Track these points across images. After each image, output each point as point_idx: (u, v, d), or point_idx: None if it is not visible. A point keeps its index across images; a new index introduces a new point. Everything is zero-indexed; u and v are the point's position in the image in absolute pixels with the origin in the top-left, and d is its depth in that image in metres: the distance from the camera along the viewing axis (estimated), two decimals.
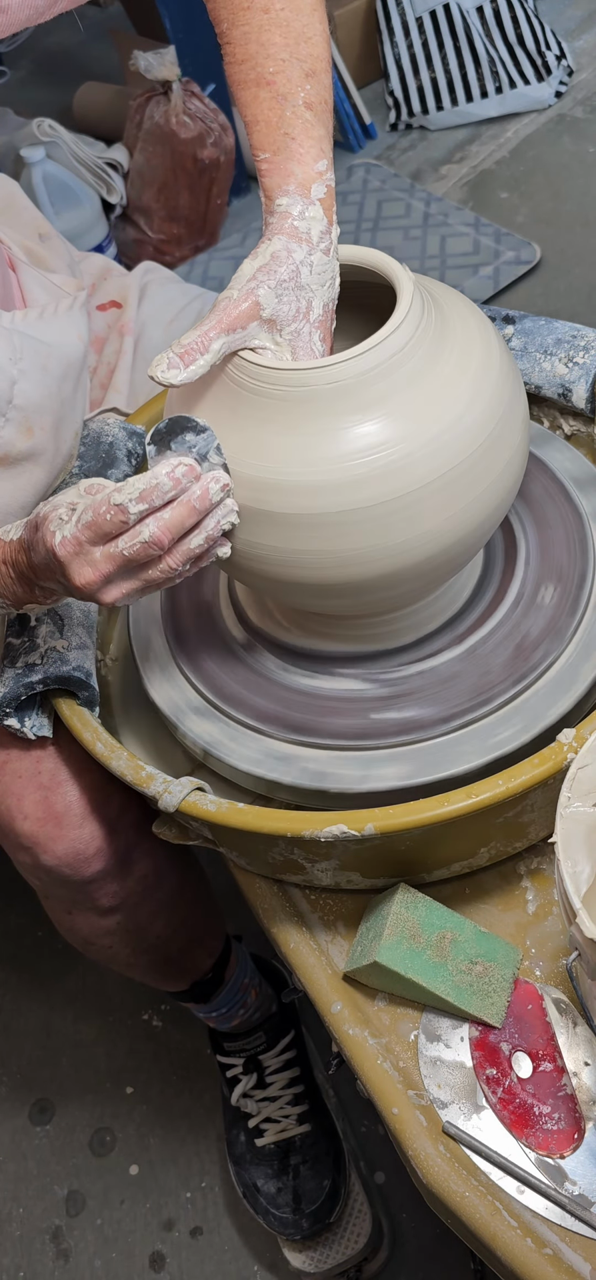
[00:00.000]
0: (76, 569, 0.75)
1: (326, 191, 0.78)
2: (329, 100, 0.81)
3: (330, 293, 0.78)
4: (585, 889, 0.63)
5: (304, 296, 0.76)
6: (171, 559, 0.75)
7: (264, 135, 0.79)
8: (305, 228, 0.76)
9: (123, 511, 0.72)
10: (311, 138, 0.79)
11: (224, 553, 0.78)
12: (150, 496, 0.72)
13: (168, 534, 0.73)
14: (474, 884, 0.83)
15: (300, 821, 0.74)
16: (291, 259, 0.76)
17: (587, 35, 2.85)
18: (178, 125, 2.39)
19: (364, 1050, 0.76)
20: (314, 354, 0.77)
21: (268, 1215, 1.26)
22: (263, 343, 0.77)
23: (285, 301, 0.76)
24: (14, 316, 0.99)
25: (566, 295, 2.21)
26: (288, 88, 0.79)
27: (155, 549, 0.73)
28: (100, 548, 0.74)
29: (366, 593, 0.78)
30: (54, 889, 1.00)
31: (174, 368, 0.74)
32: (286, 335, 0.76)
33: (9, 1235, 1.38)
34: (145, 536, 0.73)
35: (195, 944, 1.15)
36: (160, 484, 0.73)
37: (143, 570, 0.75)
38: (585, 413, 0.96)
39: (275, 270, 0.75)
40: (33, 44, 3.63)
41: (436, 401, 0.75)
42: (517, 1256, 0.67)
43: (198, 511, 0.74)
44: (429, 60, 2.71)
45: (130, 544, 0.73)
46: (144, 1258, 1.33)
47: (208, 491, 0.74)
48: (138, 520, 0.73)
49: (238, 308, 0.75)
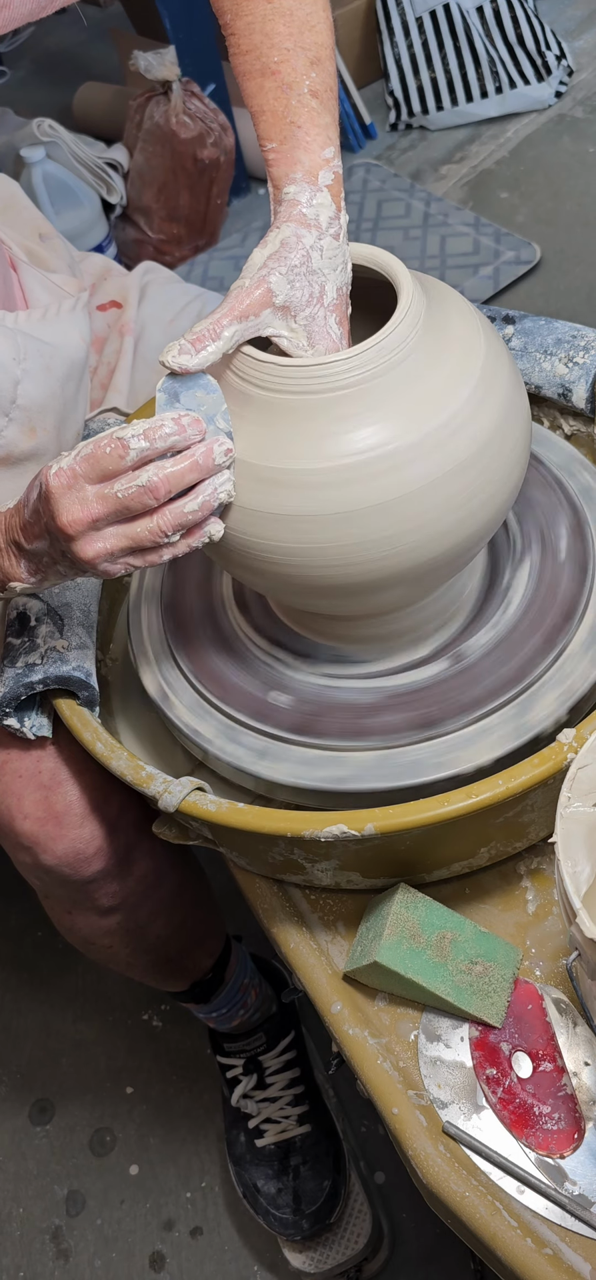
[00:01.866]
0: (65, 504, 0.73)
1: (334, 178, 0.78)
2: (334, 87, 0.81)
3: (342, 276, 0.78)
4: (585, 889, 0.63)
5: (316, 281, 0.76)
6: (163, 519, 0.73)
7: (270, 125, 0.79)
8: (314, 214, 0.76)
9: (123, 445, 0.71)
10: (317, 125, 0.78)
11: (216, 532, 0.76)
12: (153, 435, 0.71)
13: (165, 484, 0.72)
14: (474, 884, 0.83)
15: (300, 821, 0.74)
16: (301, 245, 0.75)
17: (587, 35, 2.86)
18: (178, 125, 2.39)
19: (364, 1050, 0.76)
20: (330, 338, 0.77)
21: (268, 1216, 1.26)
22: (278, 330, 0.76)
23: (297, 287, 0.75)
24: (17, 317, 0.99)
25: (566, 295, 2.21)
26: (293, 76, 0.79)
27: (150, 496, 0.72)
28: (95, 487, 0.72)
29: (366, 592, 0.78)
30: (54, 889, 1.00)
31: (185, 353, 0.73)
32: (301, 321, 0.76)
33: (9, 1235, 1.38)
34: (142, 480, 0.71)
35: (195, 944, 1.15)
36: (164, 426, 0.72)
37: (132, 524, 0.73)
38: (585, 413, 0.96)
39: (286, 257, 0.75)
40: (33, 44, 3.63)
41: (437, 400, 0.75)
42: (517, 1256, 0.67)
43: (199, 469, 0.73)
44: (429, 60, 2.71)
45: (126, 487, 0.72)
46: (144, 1258, 1.33)
47: (211, 451, 0.74)
48: (137, 462, 0.72)
49: (250, 295, 0.75)
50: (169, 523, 0.73)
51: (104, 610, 0.99)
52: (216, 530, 0.76)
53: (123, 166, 2.50)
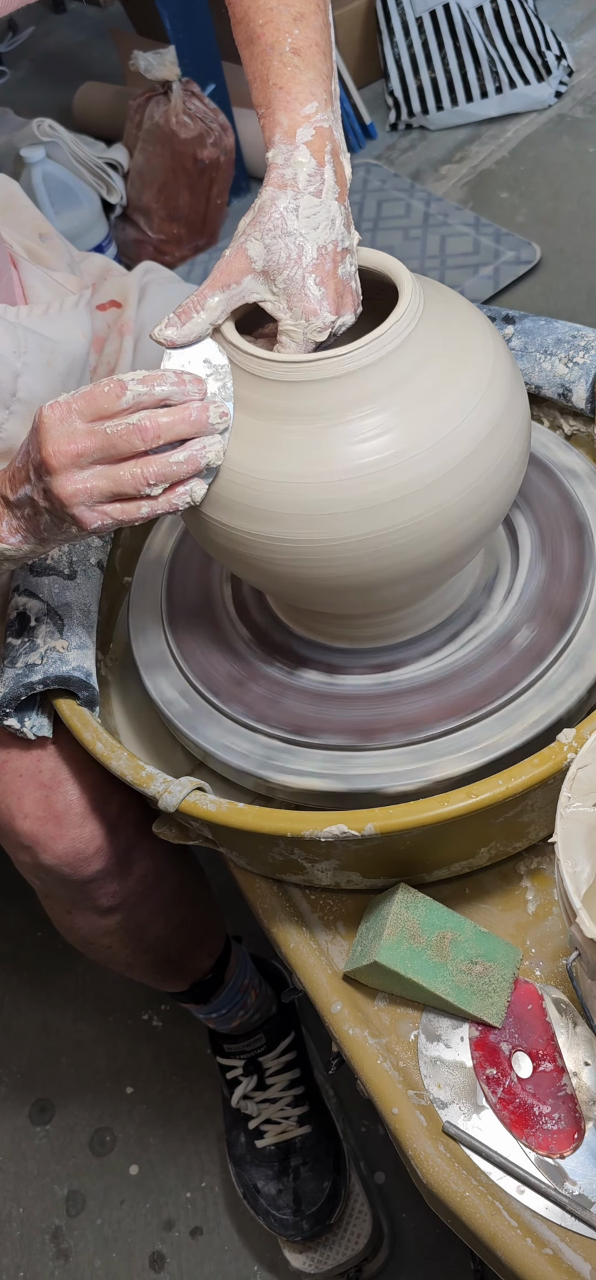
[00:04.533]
0: (53, 435, 0.72)
1: (314, 133, 0.76)
2: (321, 42, 0.79)
3: (326, 234, 0.76)
4: (585, 889, 0.63)
5: (293, 242, 0.75)
6: (148, 467, 0.73)
7: (258, 92, 0.79)
8: (291, 174, 0.75)
9: (121, 386, 0.72)
10: (299, 83, 0.77)
11: (199, 492, 0.76)
12: (151, 381, 0.72)
13: (155, 428, 0.72)
14: (474, 884, 0.83)
15: (300, 821, 0.74)
16: (276, 207, 0.75)
17: (587, 35, 2.86)
18: (178, 125, 2.39)
19: (364, 1050, 0.76)
20: (307, 299, 0.75)
21: (268, 1217, 1.26)
22: (262, 295, 0.76)
23: (274, 251, 0.75)
24: (19, 312, 0.99)
25: (566, 295, 2.21)
26: (275, 37, 0.78)
27: (138, 437, 0.72)
28: (86, 424, 0.73)
29: (365, 591, 0.78)
30: (54, 888, 1.00)
31: (172, 326, 0.75)
32: (281, 284, 0.75)
33: (9, 1235, 1.38)
34: (133, 419, 0.72)
35: (195, 944, 1.15)
36: (165, 376, 0.72)
37: (116, 466, 0.73)
38: (585, 413, 0.96)
39: (261, 221, 0.75)
40: (33, 44, 3.64)
41: (436, 399, 0.75)
42: (517, 1256, 0.67)
43: (192, 424, 0.74)
44: (429, 60, 2.71)
45: (116, 424, 0.72)
46: (144, 1258, 1.33)
47: (207, 409, 0.74)
48: (132, 406, 0.72)
49: (230, 264, 0.75)
50: (154, 472, 0.73)
51: (104, 610, 0.99)
52: (199, 491, 0.76)
53: (123, 166, 2.50)
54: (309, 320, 0.75)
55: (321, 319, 0.75)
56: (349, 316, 0.78)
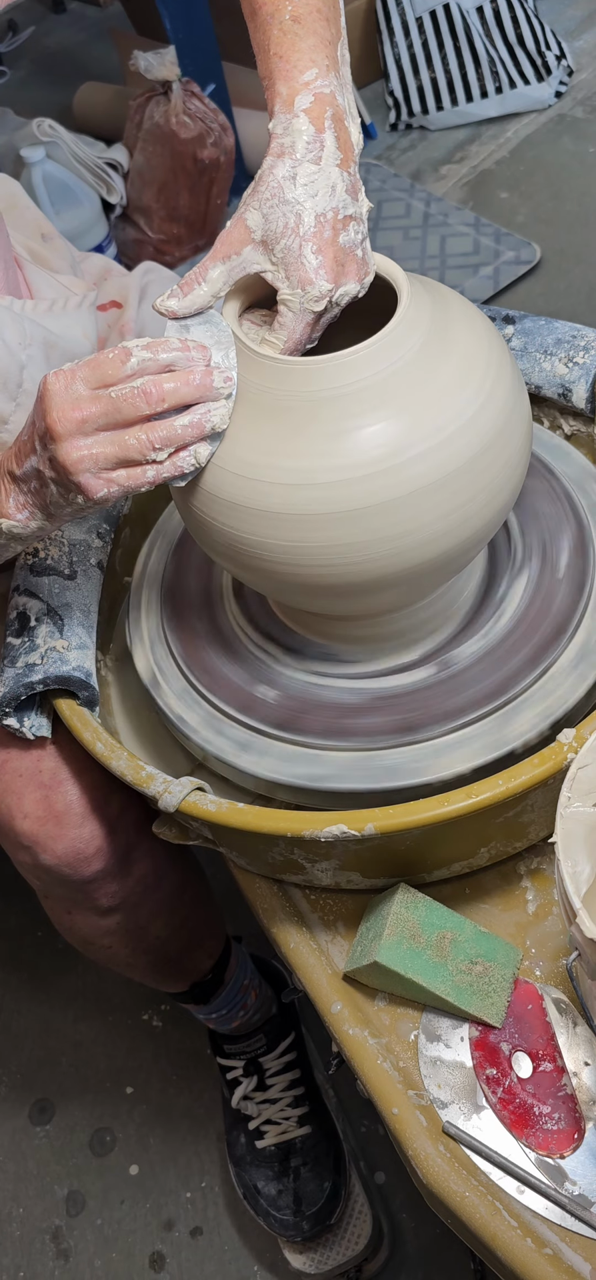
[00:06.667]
0: (58, 402, 0.73)
1: (313, 100, 0.75)
2: (325, 7, 0.78)
3: (325, 201, 0.75)
4: (585, 889, 0.63)
5: (291, 211, 0.74)
6: (153, 431, 0.73)
7: (261, 64, 0.78)
8: (289, 142, 0.75)
9: (125, 352, 0.72)
10: (298, 50, 0.76)
11: (203, 455, 0.76)
12: (156, 347, 0.72)
13: (159, 391, 0.72)
14: (474, 884, 0.83)
15: (300, 821, 0.74)
16: (273, 176, 0.74)
17: (587, 35, 2.86)
18: (178, 125, 2.39)
19: (364, 1050, 0.76)
20: (304, 267, 0.74)
21: (268, 1217, 1.26)
22: (262, 265, 0.76)
23: (272, 220, 0.74)
24: (24, 305, 0.99)
25: (566, 295, 2.21)
26: (275, 6, 0.78)
27: (142, 400, 0.72)
28: (90, 389, 0.73)
29: (364, 593, 0.78)
30: (54, 888, 1.00)
31: (174, 297, 0.75)
32: (278, 253, 0.75)
33: (9, 1235, 1.38)
34: (137, 383, 0.72)
35: (195, 945, 1.15)
36: (170, 342, 0.73)
37: (122, 431, 0.73)
38: (585, 413, 0.96)
39: (259, 191, 0.75)
40: (33, 44, 3.63)
41: (437, 401, 0.74)
42: (517, 1256, 0.67)
43: (196, 389, 0.74)
44: (429, 60, 2.71)
45: (120, 389, 0.72)
46: (144, 1258, 1.33)
47: (211, 374, 0.74)
48: (137, 371, 0.72)
49: (230, 235, 0.76)
50: (159, 435, 0.73)
51: (104, 610, 0.99)
52: (203, 453, 0.76)
53: (122, 166, 2.50)
54: (305, 289, 0.75)
55: (317, 288, 0.74)
56: (352, 285, 0.76)
